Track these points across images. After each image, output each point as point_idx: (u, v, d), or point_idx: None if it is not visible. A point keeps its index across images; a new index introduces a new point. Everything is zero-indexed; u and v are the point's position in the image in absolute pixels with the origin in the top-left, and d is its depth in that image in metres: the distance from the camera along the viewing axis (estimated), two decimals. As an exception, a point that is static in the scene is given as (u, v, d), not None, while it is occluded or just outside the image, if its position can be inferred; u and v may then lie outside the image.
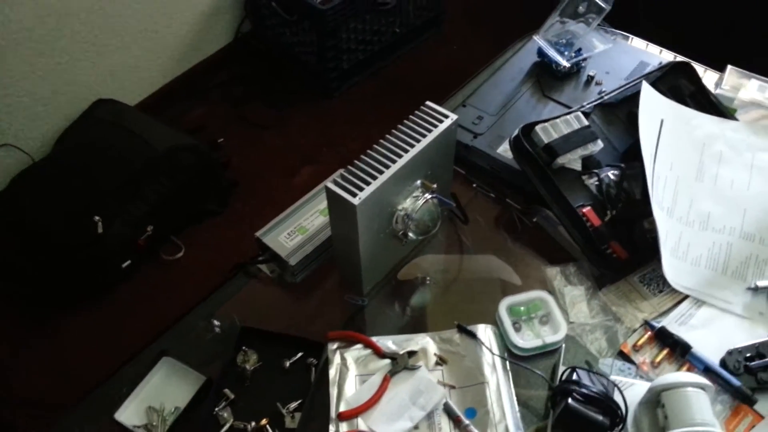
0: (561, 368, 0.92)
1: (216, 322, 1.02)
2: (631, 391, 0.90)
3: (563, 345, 0.96)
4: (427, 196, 0.98)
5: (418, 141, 0.95)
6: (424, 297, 1.08)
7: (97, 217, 1.74)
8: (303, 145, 2.25)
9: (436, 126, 0.97)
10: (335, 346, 0.98)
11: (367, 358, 0.97)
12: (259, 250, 1.08)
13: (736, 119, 1.23)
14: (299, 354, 0.97)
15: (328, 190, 0.89)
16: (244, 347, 0.97)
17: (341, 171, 0.91)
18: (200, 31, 2.37)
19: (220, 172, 2.07)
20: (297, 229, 1.07)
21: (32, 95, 1.94)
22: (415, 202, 0.98)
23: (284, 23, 2.33)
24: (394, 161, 0.92)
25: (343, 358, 0.96)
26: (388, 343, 0.98)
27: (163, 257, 1.92)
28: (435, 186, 0.99)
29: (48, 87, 1.97)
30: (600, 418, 0.83)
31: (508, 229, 1.15)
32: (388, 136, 0.95)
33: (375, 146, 0.94)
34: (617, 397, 0.86)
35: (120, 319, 1.79)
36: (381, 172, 0.91)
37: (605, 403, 0.84)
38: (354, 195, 0.88)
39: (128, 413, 0.92)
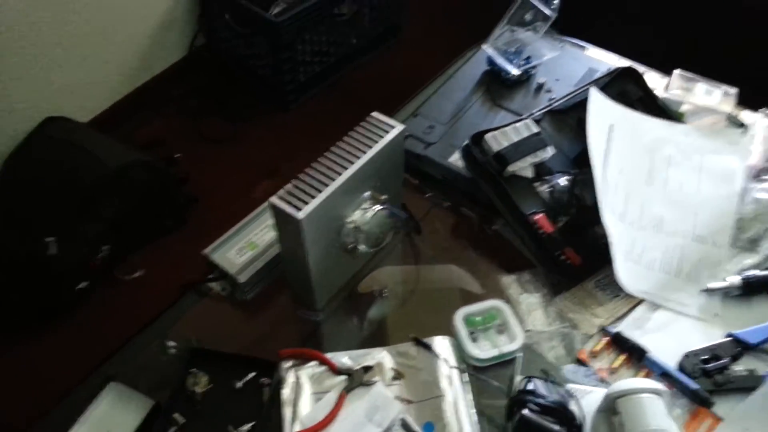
0: (517, 378, 0.91)
1: (171, 343, 0.99)
2: (589, 398, 0.89)
3: (520, 354, 0.96)
4: (377, 207, 0.97)
5: (364, 152, 0.93)
6: (382, 310, 1.07)
7: (49, 238, 1.69)
8: (261, 159, 2.22)
9: (382, 136, 0.96)
10: (289, 364, 0.96)
11: (321, 376, 0.95)
12: (209, 268, 1.05)
13: (683, 123, 1.24)
14: (251, 374, 0.94)
15: (272, 206, 0.88)
16: (194, 369, 0.94)
17: (286, 186, 0.89)
18: (153, 45, 2.33)
19: (177, 188, 2.03)
20: (247, 245, 1.04)
21: (-23, 115, 1.89)
22: (364, 214, 0.97)
23: (238, 36, 2.31)
24: (339, 173, 0.91)
25: (297, 377, 0.94)
26: (343, 359, 0.97)
27: (120, 277, 1.87)
28: (385, 197, 0.98)
29: (-6, 106, 1.91)
30: (556, 428, 0.82)
31: (466, 237, 1.15)
32: (333, 148, 0.94)
33: (320, 159, 0.93)
34: (574, 406, 0.86)
35: (74, 342, 1.74)
36: (326, 185, 0.89)
37: (561, 412, 0.84)
38: (298, 209, 0.86)
39: (74, 443, 0.89)
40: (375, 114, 0.98)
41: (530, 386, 0.87)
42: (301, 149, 2.27)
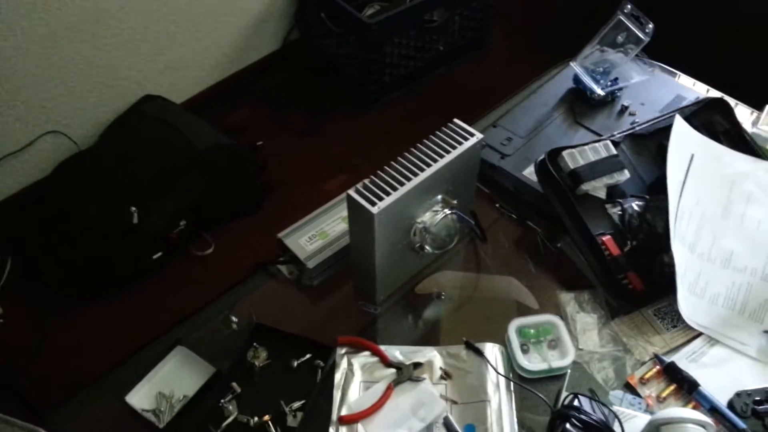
0: (563, 393, 0.92)
1: (234, 318, 1.05)
2: (632, 423, 0.89)
3: (569, 371, 0.96)
4: (447, 211, 1.00)
5: (442, 156, 0.96)
6: (438, 311, 1.09)
7: (133, 208, 1.80)
8: (338, 154, 2.28)
9: (461, 143, 0.98)
10: (344, 351, 1.00)
11: (373, 366, 0.98)
12: (279, 251, 1.11)
13: (769, 160, 1.21)
14: (308, 355, 0.99)
15: (349, 198, 0.92)
16: (255, 344, 0.99)
17: (364, 180, 0.93)
18: (251, 35, 2.43)
19: (256, 174, 2.12)
20: (318, 233, 1.09)
21: (83, 85, 2.02)
22: (434, 216, 1.00)
23: (330, 34, 2.38)
24: (416, 174, 0.94)
25: (350, 363, 0.98)
26: (395, 353, 1.00)
27: (193, 252, 1.97)
28: (455, 202, 1.01)
29: (99, 79, 2.05)
30: (598, 446, 0.83)
31: (529, 251, 1.16)
32: (413, 149, 0.98)
33: (399, 158, 0.96)
34: (617, 428, 0.86)
35: (143, 308, 1.84)
36: (402, 184, 0.93)
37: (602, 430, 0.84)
38: (373, 204, 0.90)
39: (139, 397, 0.96)
40: (456, 121, 1.01)
41: (576, 402, 0.88)
42: (377, 148, 2.34)
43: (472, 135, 1.00)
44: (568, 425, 0.84)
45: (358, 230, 0.97)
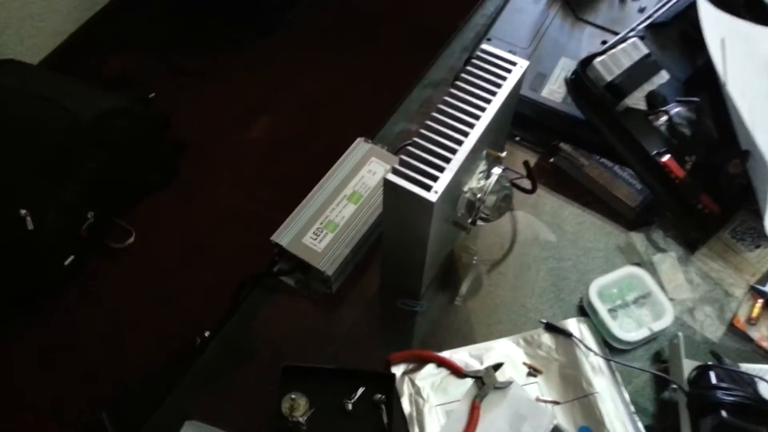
0: (684, 364, 0.75)
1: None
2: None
3: (680, 334, 0.79)
4: (497, 170, 0.76)
5: (489, 102, 0.72)
6: (478, 285, 0.88)
7: (23, 211, 1.42)
8: (251, 92, 1.93)
9: (505, 78, 0.74)
10: (401, 371, 0.78)
11: (444, 381, 0.77)
12: (276, 258, 0.84)
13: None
14: (360, 390, 0.76)
15: (390, 185, 0.66)
16: (289, 393, 0.74)
17: (401, 155, 0.68)
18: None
19: (161, 135, 1.75)
20: (325, 225, 0.83)
21: None
22: (484, 180, 0.76)
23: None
24: (466, 133, 0.69)
25: (415, 386, 0.77)
26: (464, 356, 0.79)
27: (112, 246, 1.62)
28: (504, 155, 0.78)
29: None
30: (764, 430, 0.68)
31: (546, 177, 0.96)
32: (446, 98, 0.72)
33: (434, 115, 0.71)
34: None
35: (74, 329, 1.51)
36: (454, 151, 0.68)
37: (759, 407, 0.69)
38: (428, 188, 0.65)
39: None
40: (486, 47, 0.76)
41: (713, 379, 0.72)
42: (299, 75, 2.01)
43: (514, 63, 0.75)
44: (724, 413, 0.67)
45: (401, 222, 0.72)
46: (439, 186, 0.65)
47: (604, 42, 1.03)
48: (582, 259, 0.89)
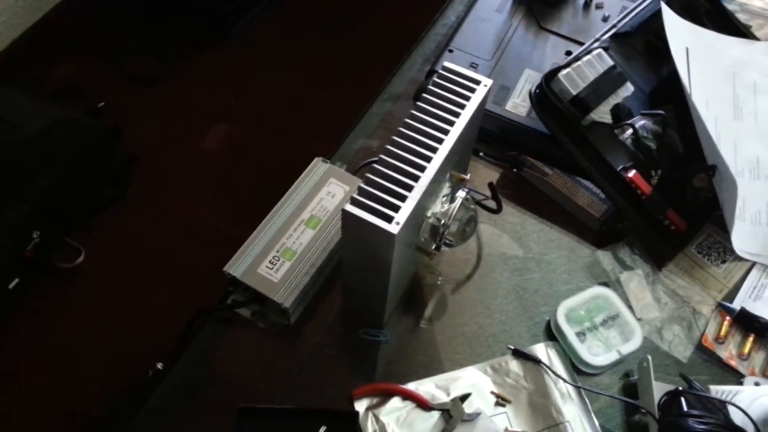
0: (655, 388, 0.73)
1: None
2: (742, 401, 0.73)
3: (649, 357, 0.77)
4: (462, 193, 0.73)
5: (452, 123, 0.68)
6: (443, 307, 0.85)
7: (-39, 233, 1.34)
8: (203, 99, 1.87)
9: (468, 98, 0.70)
10: (364, 406, 0.74)
11: (410, 416, 0.74)
12: (230, 288, 0.79)
13: (756, 38, 1.05)
14: (322, 429, 0.72)
15: (349, 216, 0.62)
16: (246, 437, 0.70)
17: (360, 183, 0.64)
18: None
19: (111, 147, 1.67)
20: (281, 253, 0.78)
21: None
22: (448, 203, 0.73)
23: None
24: (428, 158, 0.66)
25: (379, 422, 0.73)
26: (430, 388, 0.76)
27: (59, 265, 1.54)
28: (468, 177, 0.74)
29: None
30: (738, 460, 0.66)
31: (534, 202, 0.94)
32: (407, 120, 0.68)
33: (395, 138, 0.67)
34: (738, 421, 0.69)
35: (17, 355, 1.43)
36: (416, 178, 0.64)
37: (733, 435, 0.67)
38: (389, 219, 0.61)
39: None
40: (448, 65, 0.72)
41: (684, 405, 0.70)
42: (254, 82, 1.94)
43: (478, 82, 0.72)
44: (699, 444, 0.65)
45: (360, 252, 0.68)
46: (401, 216, 0.61)
47: (568, 52, 1.01)
48: (548, 276, 0.86)
